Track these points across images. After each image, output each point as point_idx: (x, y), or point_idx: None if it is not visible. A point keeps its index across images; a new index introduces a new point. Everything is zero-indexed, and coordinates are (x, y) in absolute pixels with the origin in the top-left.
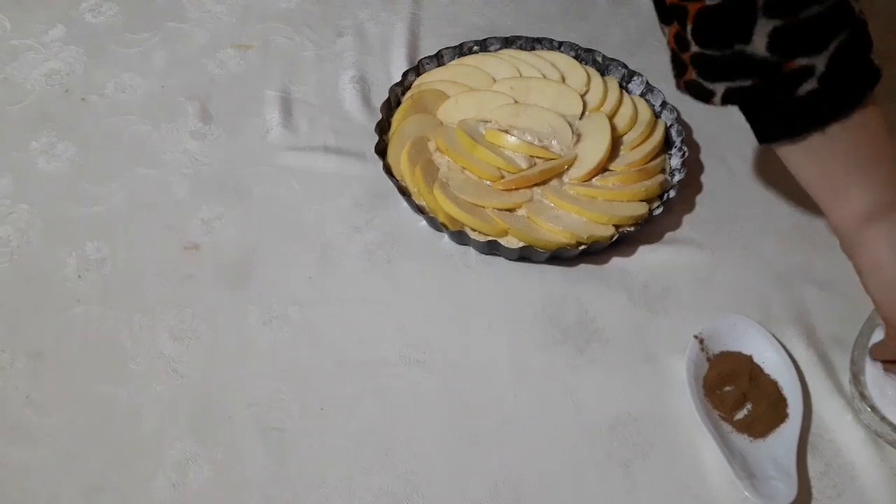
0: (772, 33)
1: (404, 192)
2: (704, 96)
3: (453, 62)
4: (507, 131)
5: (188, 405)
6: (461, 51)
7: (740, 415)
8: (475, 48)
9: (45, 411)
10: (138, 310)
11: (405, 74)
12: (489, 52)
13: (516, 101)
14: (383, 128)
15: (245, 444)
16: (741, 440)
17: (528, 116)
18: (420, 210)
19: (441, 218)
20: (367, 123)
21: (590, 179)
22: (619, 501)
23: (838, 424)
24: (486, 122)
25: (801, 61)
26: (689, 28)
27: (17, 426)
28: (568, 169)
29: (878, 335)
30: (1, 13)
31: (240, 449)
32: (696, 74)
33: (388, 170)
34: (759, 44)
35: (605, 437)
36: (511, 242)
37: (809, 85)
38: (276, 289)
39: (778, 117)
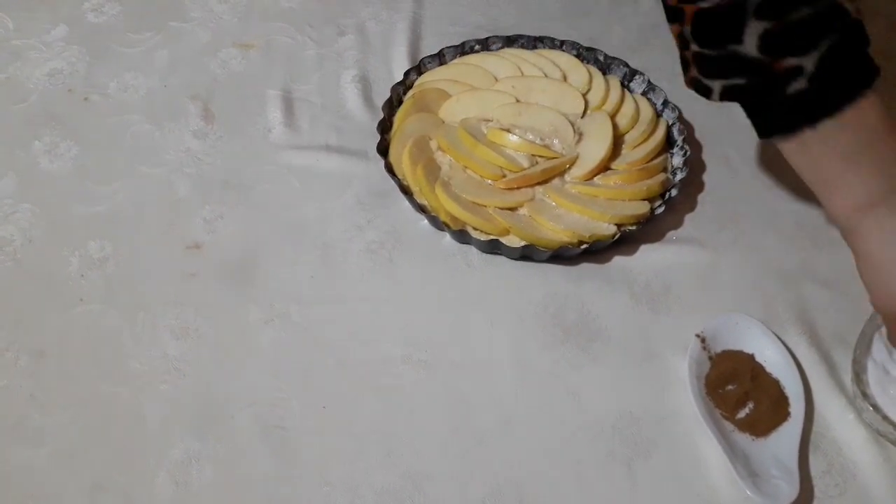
0: (762, 35)
1: (406, 191)
2: (705, 93)
3: (455, 61)
4: (508, 130)
5: (190, 404)
6: (463, 50)
7: (742, 414)
8: (477, 47)
9: (48, 410)
10: (141, 309)
11: (407, 73)
12: (491, 51)
13: (518, 100)
14: (385, 127)
15: (247, 442)
16: (743, 439)
17: (530, 115)
18: (422, 209)
19: (443, 217)
20: (368, 122)
21: (591, 178)
22: (621, 500)
23: (840, 423)
24: (487, 121)
25: (791, 61)
26: (687, 28)
27: (21, 425)
28: (570, 168)
29: (878, 339)
30: (3, 13)
31: (242, 448)
32: (696, 72)
33: (389, 169)
34: (749, 44)
35: (607, 436)
36: (513, 241)
37: (799, 84)
38: (278, 288)
39: (772, 114)
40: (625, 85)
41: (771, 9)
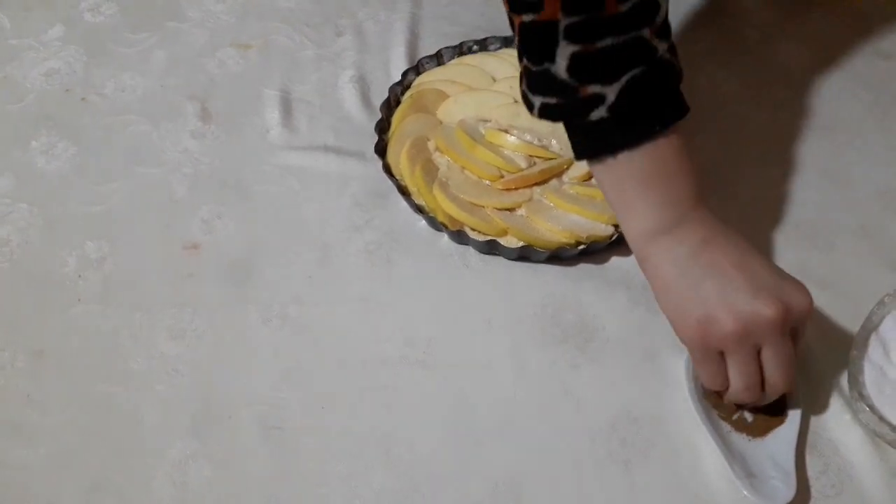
0: (571, 57)
1: (404, 191)
2: (529, 107)
3: (453, 61)
4: (506, 131)
5: (188, 404)
6: (461, 50)
7: (739, 414)
8: (475, 47)
9: (46, 410)
10: (138, 309)
11: (405, 74)
12: (489, 51)
13: (516, 101)
14: (383, 127)
15: (246, 443)
16: (740, 439)
17: (528, 116)
18: (419, 209)
19: (440, 217)
20: (366, 123)
21: (589, 179)
22: (618, 500)
23: (837, 424)
24: (485, 121)
25: (594, 88)
26: (516, 39)
27: (18, 425)
28: (567, 168)
29: (875, 340)
30: (0, 13)
31: (240, 448)
32: (524, 85)
33: (387, 169)
34: (560, 65)
35: (605, 437)
36: (510, 242)
37: (600, 112)
38: (277, 288)
39: (579, 138)
40: None
41: (579, 32)
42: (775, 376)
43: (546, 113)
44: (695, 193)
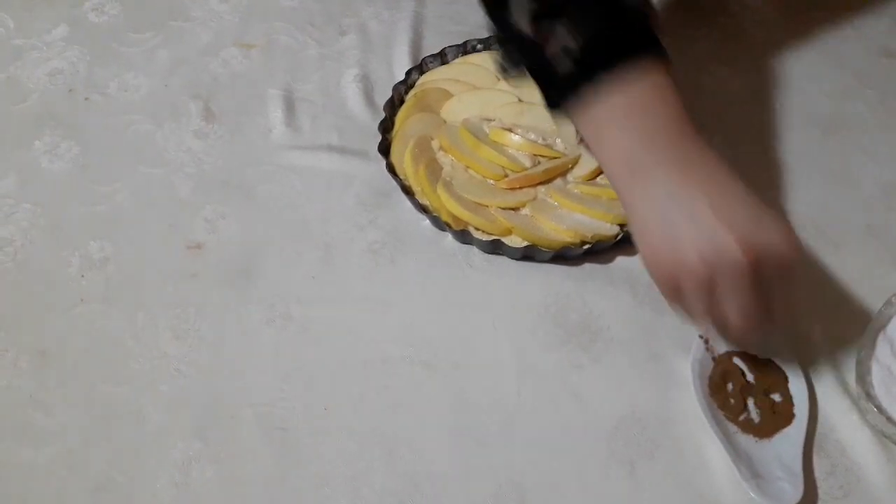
0: (527, 5)
1: (407, 191)
2: (502, 69)
3: (457, 60)
4: (510, 130)
5: (192, 404)
6: (465, 49)
7: (746, 415)
8: (479, 46)
9: (50, 411)
10: (141, 309)
11: (408, 73)
12: (493, 50)
13: (520, 100)
14: (386, 126)
15: (248, 443)
16: (747, 440)
17: (532, 115)
18: (423, 209)
19: (444, 217)
20: (370, 122)
21: (594, 178)
22: (623, 501)
23: (844, 424)
24: (489, 120)
25: (556, 33)
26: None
27: (22, 426)
28: (572, 168)
29: (882, 339)
30: (4, 12)
31: (243, 448)
32: (495, 48)
33: (391, 169)
34: (517, 13)
35: (610, 437)
36: (515, 241)
37: (566, 63)
38: (280, 288)
39: (547, 85)
40: None
41: None
42: (734, 324)
43: (510, 60)
44: (678, 130)
